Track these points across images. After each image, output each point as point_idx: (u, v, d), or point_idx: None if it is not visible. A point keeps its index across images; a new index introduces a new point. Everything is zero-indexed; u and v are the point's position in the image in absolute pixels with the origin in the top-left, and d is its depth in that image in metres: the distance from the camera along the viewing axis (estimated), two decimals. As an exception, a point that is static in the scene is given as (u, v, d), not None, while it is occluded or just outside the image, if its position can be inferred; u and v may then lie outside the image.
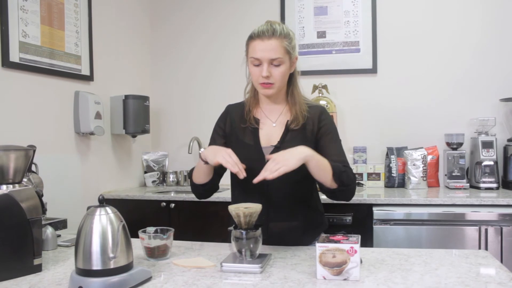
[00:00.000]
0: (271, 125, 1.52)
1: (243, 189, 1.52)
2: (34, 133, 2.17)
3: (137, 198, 2.64)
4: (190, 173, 1.58)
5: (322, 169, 1.34)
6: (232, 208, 1.22)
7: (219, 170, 1.53)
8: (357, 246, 1.08)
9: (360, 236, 1.14)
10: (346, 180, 1.38)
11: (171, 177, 3.12)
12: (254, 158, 1.46)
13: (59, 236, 1.57)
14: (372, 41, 2.91)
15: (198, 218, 2.52)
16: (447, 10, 2.84)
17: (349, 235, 1.16)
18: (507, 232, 2.13)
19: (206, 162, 1.40)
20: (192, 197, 2.55)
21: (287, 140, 1.47)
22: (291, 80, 1.52)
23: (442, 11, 2.85)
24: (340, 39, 2.97)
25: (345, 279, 1.08)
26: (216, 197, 2.49)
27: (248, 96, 1.57)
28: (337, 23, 2.97)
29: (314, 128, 1.49)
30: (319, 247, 1.09)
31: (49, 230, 1.46)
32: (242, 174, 1.30)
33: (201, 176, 1.49)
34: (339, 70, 2.96)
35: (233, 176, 1.57)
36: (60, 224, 1.61)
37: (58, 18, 2.32)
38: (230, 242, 1.26)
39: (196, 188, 1.55)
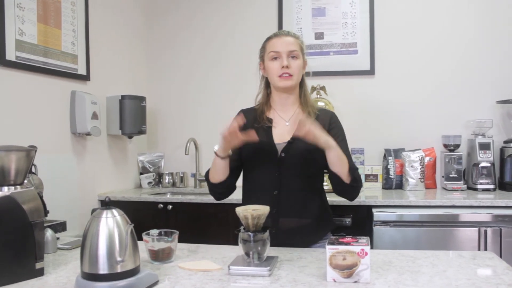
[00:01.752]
0: (284, 124, 1.57)
1: (255, 184, 1.55)
2: (30, 133, 2.12)
3: (134, 200, 2.60)
4: (206, 175, 1.59)
5: (341, 160, 1.42)
6: (240, 210, 1.20)
7: (235, 170, 1.57)
8: (367, 248, 1.07)
9: (369, 238, 1.13)
10: (358, 177, 1.47)
11: (167, 179, 3.08)
12: (266, 153, 1.51)
13: (57, 238, 1.54)
14: (370, 42, 2.92)
15: (196, 220, 2.49)
16: (445, 12, 2.85)
17: (358, 237, 1.15)
18: (506, 233, 2.14)
19: (222, 157, 1.44)
20: (189, 199, 2.53)
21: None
22: (302, 82, 1.59)
23: (440, 13, 2.86)
24: (338, 40, 2.97)
25: (355, 282, 1.07)
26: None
27: (260, 103, 1.62)
28: (335, 24, 2.97)
29: (325, 129, 1.52)
30: (329, 249, 1.08)
31: (49, 233, 1.42)
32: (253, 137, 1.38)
33: (218, 173, 1.52)
34: (337, 72, 2.95)
35: (245, 167, 1.60)
36: (60, 227, 1.58)
37: (55, 16, 2.28)
38: (231, 244, 1.25)
39: (214, 188, 1.57)
